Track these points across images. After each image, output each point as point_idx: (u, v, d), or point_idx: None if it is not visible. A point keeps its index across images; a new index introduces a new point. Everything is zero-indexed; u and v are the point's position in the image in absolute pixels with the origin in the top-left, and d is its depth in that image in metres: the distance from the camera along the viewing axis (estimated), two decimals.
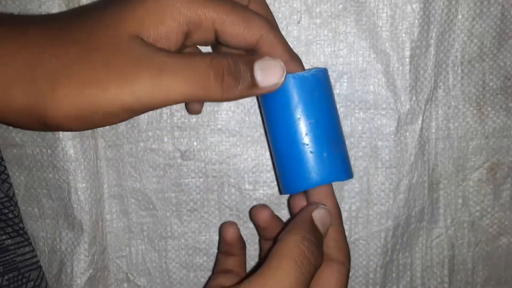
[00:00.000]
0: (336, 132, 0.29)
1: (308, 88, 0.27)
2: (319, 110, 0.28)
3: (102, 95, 0.22)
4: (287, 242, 0.25)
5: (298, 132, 0.28)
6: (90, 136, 0.33)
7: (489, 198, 0.36)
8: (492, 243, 0.36)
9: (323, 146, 0.28)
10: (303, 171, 0.28)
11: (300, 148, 0.28)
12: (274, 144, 0.29)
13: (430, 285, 0.37)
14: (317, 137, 0.27)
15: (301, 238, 0.25)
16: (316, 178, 0.28)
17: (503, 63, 0.34)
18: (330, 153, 0.28)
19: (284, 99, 0.27)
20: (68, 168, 0.33)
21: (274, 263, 0.24)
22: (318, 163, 0.28)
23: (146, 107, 0.23)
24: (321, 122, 0.28)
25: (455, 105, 0.34)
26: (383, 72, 0.33)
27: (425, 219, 0.36)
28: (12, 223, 0.33)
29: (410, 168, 0.35)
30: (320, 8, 0.33)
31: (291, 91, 0.27)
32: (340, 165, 0.28)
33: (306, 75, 0.27)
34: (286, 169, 0.29)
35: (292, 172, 0.28)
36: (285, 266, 0.24)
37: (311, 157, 0.28)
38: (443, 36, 0.33)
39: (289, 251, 0.25)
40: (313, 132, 0.27)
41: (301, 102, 0.27)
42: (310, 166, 0.28)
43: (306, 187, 0.28)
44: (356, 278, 0.36)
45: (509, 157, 0.35)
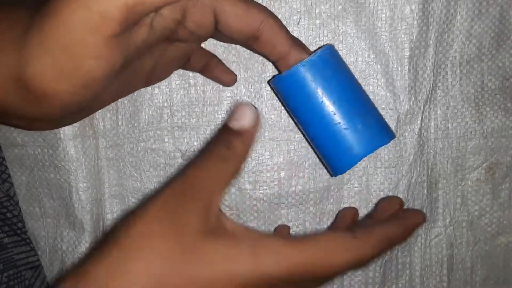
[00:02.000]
0: (361, 102, 0.29)
1: (318, 71, 0.27)
2: (337, 88, 0.28)
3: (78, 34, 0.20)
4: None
5: (326, 115, 0.28)
6: (91, 136, 0.34)
7: (488, 197, 0.36)
8: (491, 243, 0.37)
9: (353, 119, 0.28)
10: (345, 149, 0.28)
11: (334, 129, 0.28)
12: (310, 134, 0.30)
13: (429, 284, 0.37)
14: (345, 113, 0.28)
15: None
16: (359, 151, 0.28)
17: (501, 64, 0.34)
18: (364, 124, 0.28)
19: (301, 89, 0.28)
20: (69, 168, 0.33)
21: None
22: (356, 137, 0.28)
23: (127, 19, 0.21)
24: (344, 98, 0.28)
25: (454, 105, 0.35)
26: (382, 73, 0.34)
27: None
28: (10, 223, 0.33)
29: (409, 168, 0.35)
30: (320, 9, 0.33)
31: (305, 80, 0.27)
32: (377, 131, 0.29)
33: (313, 59, 0.27)
34: (329, 154, 0.29)
35: (336, 155, 0.29)
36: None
37: (348, 133, 0.28)
38: (442, 37, 0.33)
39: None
40: (340, 110, 0.28)
41: (318, 86, 0.27)
42: (350, 143, 0.28)
43: (353, 162, 0.29)
44: (356, 277, 0.36)
45: (507, 157, 0.35)
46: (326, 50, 0.28)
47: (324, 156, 0.30)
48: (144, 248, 0.21)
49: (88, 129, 0.33)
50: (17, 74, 0.21)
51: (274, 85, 0.30)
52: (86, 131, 0.33)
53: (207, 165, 0.24)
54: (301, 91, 0.28)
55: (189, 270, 0.21)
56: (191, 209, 0.22)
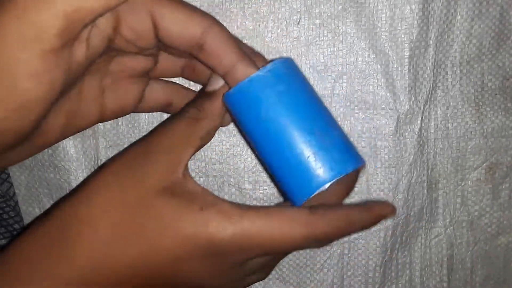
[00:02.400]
0: (320, 121, 0.25)
1: (268, 87, 0.24)
2: (291, 107, 0.24)
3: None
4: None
5: (278, 139, 0.24)
6: (91, 136, 0.34)
7: (488, 197, 0.36)
8: (491, 243, 0.37)
9: (310, 143, 0.24)
10: (298, 179, 0.24)
11: (287, 156, 0.24)
12: (262, 159, 0.26)
13: (429, 284, 0.37)
14: (300, 136, 0.24)
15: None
16: (317, 181, 0.24)
17: (501, 64, 0.34)
18: (321, 148, 0.24)
19: (248, 108, 0.24)
20: (69, 168, 0.33)
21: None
22: (310, 165, 0.24)
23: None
24: (299, 119, 0.24)
25: (454, 105, 0.35)
26: (383, 73, 0.34)
27: (424, 218, 0.36)
28: (6, 224, 0.33)
29: (409, 168, 0.35)
30: (320, 9, 0.33)
31: (252, 97, 0.24)
32: (338, 157, 0.24)
33: (261, 74, 0.24)
34: (283, 182, 0.25)
35: (288, 185, 0.25)
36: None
37: (302, 161, 0.24)
38: (442, 37, 0.33)
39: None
40: (293, 133, 0.24)
41: (268, 105, 0.24)
42: (306, 171, 0.24)
43: (310, 192, 0.24)
44: (356, 277, 0.36)
45: (507, 157, 0.35)
46: (279, 63, 0.25)
47: (280, 185, 0.26)
48: (98, 196, 0.23)
49: (88, 129, 0.33)
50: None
51: (225, 104, 0.26)
52: (86, 131, 0.33)
53: (176, 124, 0.24)
54: (249, 110, 0.24)
55: (139, 221, 0.23)
56: (152, 165, 0.23)
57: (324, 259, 0.36)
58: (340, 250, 0.36)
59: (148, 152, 0.24)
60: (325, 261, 0.36)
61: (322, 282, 0.36)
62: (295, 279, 0.36)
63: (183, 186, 0.23)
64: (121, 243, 0.23)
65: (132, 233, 0.23)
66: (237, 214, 0.22)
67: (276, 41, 0.33)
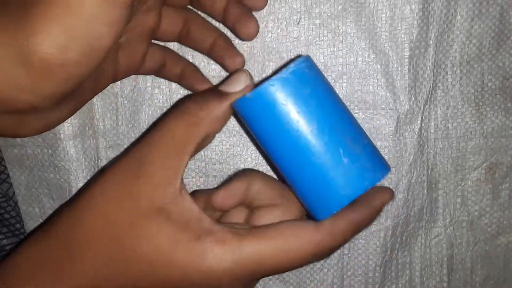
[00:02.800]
0: (348, 129, 0.23)
1: (293, 90, 0.22)
2: (317, 112, 0.22)
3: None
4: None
5: (303, 147, 0.22)
6: (91, 136, 0.34)
7: (488, 197, 0.36)
8: (491, 243, 0.37)
9: (338, 151, 0.22)
10: (328, 190, 0.22)
11: (314, 165, 0.22)
12: (284, 171, 0.24)
13: (429, 284, 0.37)
14: (328, 144, 0.22)
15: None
16: (346, 192, 0.22)
17: (501, 64, 0.34)
18: (352, 156, 0.22)
19: (270, 115, 0.22)
20: (69, 168, 0.33)
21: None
22: (342, 174, 0.22)
23: None
24: (326, 125, 0.22)
25: (454, 105, 0.35)
26: (383, 73, 0.34)
27: (424, 218, 0.36)
28: (8, 223, 0.33)
29: (409, 168, 0.35)
30: (320, 9, 0.33)
31: (275, 103, 0.22)
32: (369, 165, 0.23)
33: (285, 76, 0.22)
34: (309, 196, 0.23)
35: (317, 197, 0.23)
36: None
37: (331, 170, 0.22)
38: (442, 37, 0.33)
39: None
40: (321, 140, 0.22)
41: (292, 111, 0.22)
42: (334, 182, 0.22)
43: (338, 206, 0.23)
44: (356, 277, 0.36)
45: (507, 157, 0.35)
46: (302, 63, 0.23)
47: (303, 198, 0.24)
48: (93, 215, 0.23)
49: (88, 129, 0.33)
50: (18, 50, 0.20)
51: (237, 110, 0.24)
52: (86, 131, 0.33)
53: (173, 126, 0.23)
54: (271, 117, 0.22)
55: (132, 245, 0.22)
56: (146, 179, 0.22)
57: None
58: (340, 250, 0.36)
59: (143, 162, 0.23)
60: (325, 261, 0.36)
61: (322, 282, 0.36)
62: (295, 279, 0.36)
63: (179, 206, 0.22)
64: (115, 267, 0.22)
65: (126, 257, 0.22)
66: (235, 241, 0.22)
67: (276, 41, 0.33)
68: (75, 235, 0.23)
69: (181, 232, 0.22)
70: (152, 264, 0.22)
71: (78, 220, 0.23)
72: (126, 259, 0.22)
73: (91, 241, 0.23)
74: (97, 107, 0.34)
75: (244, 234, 0.22)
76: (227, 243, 0.21)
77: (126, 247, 0.22)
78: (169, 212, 0.22)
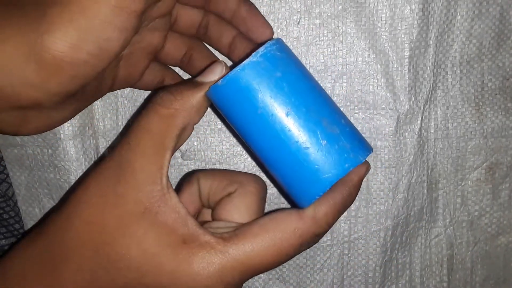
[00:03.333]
0: (324, 109, 0.23)
1: (264, 73, 0.21)
2: (290, 94, 0.22)
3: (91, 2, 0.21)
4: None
5: (279, 132, 0.22)
6: (91, 136, 0.34)
7: (488, 197, 0.36)
8: (491, 243, 0.37)
9: (316, 133, 0.22)
10: (309, 175, 0.22)
11: (291, 150, 0.22)
12: (262, 158, 0.23)
13: (429, 284, 0.37)
14: (304, 126, 0.22)
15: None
16: (327, 175, 0.21)
17: (501, 64, 0.34)
18: (330, 138, 0.22)
19: (243, 101, 0.22)
20: (69, 168, 0.33)
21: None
22: (321, 157, 0.21)
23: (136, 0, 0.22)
24: (301, 107, 0.22)
25: (454, 105, 0.35)
26: (383, 73, 0.34)
27: (424, 218, 0.36)
28: (6, 224, 0.33)
29: (409, 168, 0.35)
30: (320, 9, 0.33)
31: (247, 88, 0.22)
32: (349, 146, 0.22)
33: (255, 60, 0.22)
34: (290, 183, 0.23)
35: (298, 184, 0.22)
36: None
37: (310, 153, 0.21)
38: (442, 37, 0.33)
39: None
40: (297, 123, 0.21)
41: (265, 95, 0.21)
42: (314, 165, 0.21)
43: (320, 190, 0.22)
44: (356, 277, 0.36)
45: (507, 157, 0.35)
46: (272, 45, 0.22)
47: (284, 185, 0.24)
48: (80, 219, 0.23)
49: (88, 129, 0.33)
50: (31, 47, 0.21)
51: (211, 98, 0.23)
52: (86, 131, 0.33)
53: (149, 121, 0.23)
54: (243, 103, 0.22)
55: (119, 248, 0.22)
56: (131, 179, 0.22)
57: (324, 259, 0.36)
58: (340, 250, 0.36)
59: (123, 163, 0.23)
60: (325, 261, 0.36)
61: (322, 282, 0.36)
62: (295, 279, 0.36)
63: (167, 205, 0.22)
64: (101, 273, 0.22)
65: (113, 262, 0.22)
66: (221, 245, 0.22)
67: None
68: (62, 241, 0.23)
69: (167, 236, 0.22)
70: (140, 269, 0.22)
71: (65, 225, 0.23)
72: (113, 264, 0.22)
73: (77, 246, 0.23)
74: (97, 107, 0.34)
75: (228, 238, 0.22)
76: (213, 247, 0.21)
77: (113, 252, 0.22)
78: (156, 212, 0.22)
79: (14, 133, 0.25)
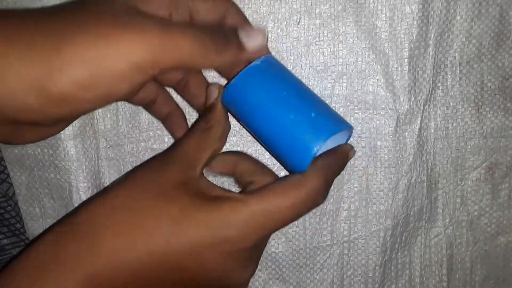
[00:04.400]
0: (312, 96, 0.28)
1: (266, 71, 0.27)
2: (285, 85, 0.27)
3: (111, 51, 0.22)
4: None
5: (278, 111, 0.26)
6: (92, 136, 0.34)
7: (488, 197, 0.36)
8: (491, 242, 0.37)
9: (307, 111, 0.26)
10: (302, 140, 0.26)
11: (287, 123, 0.26)
12: (264, 135, 0.28)
13: (429, 284, 0.37)
14: (298, 106, 0.27)
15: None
16: (318, 137, 0.26)
17: (501, 64, 0.34)
18: (318, 113, 0.27)
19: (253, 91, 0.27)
20: (70, 168, 0.33)
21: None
22: (312, 125, 0.26)
23: (155, 65, 0.23)
24: (295, 91, 0.27)
25: (453, 105, 0.35)
26: (382, 73, 0.34)
27: (423, 218, 0.36)
28: (8, 223, 0.33)
29: (409, 168, 0.35)
30: (320, 9, 0.33)
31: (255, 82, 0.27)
32: (334, 119, 0.27)
33: (258, 63, 0.27)
34: (287, 149, 0.27)
35: (293, 148, 0.27)
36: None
37: (303, 122, 0.26)
38: (442, 37, 0.33)
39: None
40: (291, 103, 0.27)
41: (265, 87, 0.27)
42: (306, 133, 0.26)
43: (312, 152, 0.26)
44: (355, 277, 0.36)
45: (507, 157, 0.35)
46: (266, 56, 0.28)
47: (282, 155, 0.28)
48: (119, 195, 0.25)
49: (89, 129, 0.33)
50: (41, 80, 0.21)
51: (224, 102, 0.28)
52: (86, 131, 0.33)
53: (190, 136, 0.27)
54: (248, 97, 0.27)
55: (159, 209, 0.25)
56: (170, 165, 0.26)
57: (324, 258, 0.36)
58: (339, 250, 0.36)
59: (167, 157, 0.27)
60: (324, 260, 0.36)
61: (322, 281, 0.36)
62: (295, 279, 0.36)
63: (199, 182, 0.26)
64: (144, 230, 0.24)
65: (154, 218, 0.24)
66: (246, 198, 0.25)
67: (276, 41, 0.33)
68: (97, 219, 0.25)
69: (200, 197, 0.25)
70: (179, 224, 0.24)
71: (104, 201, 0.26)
72: (153, 220, 0.24)
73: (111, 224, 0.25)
74: None
75: (250, 194, 0.25)
76: (239, 200, 0.25)
77: (154, 211, 0.25)
78: (190, 185, 0.25)
79: (7, 142, 0.27)
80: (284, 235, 0.36)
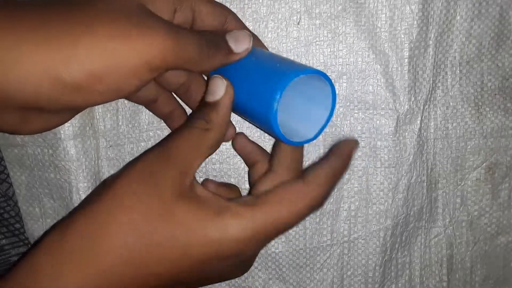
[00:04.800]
0: (281, 57, 0.29)
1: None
2: (257, 52, 0.28)
3: (127, 48, 0.23)
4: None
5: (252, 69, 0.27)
6: (92, 136, 0.34)
7: (487, 197, 0.36)
8: (491, 242, 0.37)
9: (276, 64, 0.27)
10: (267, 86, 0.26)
11: (259, 76, 0.27)
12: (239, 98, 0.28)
13: (429, 284, 0.37)
14: (264, 62, 0.27)
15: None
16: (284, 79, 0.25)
17: (501, 64, 0.34)
18: (286, 63, 0.27)
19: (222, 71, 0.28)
20: (70, 168, 0.33)
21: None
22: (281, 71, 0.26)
23: (163, 65, 0.24)
24: (264, 53, 0.28)
25: (453, 105, 0.35)
26: (382, 73, 0.34)
27: (423, 218, 0.36)
28: (7, 223, 0.33)
29: (409, 168, 0.35)
30: (320, 9, 0.33)
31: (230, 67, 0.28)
32: (302, 66, 0.27)
33: None
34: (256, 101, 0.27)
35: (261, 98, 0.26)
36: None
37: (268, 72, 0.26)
38: (442, 37, 0.33)
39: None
40: (261, 61, 0.28)
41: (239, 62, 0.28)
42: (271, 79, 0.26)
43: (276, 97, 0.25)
44: (355, 277, 0.36)
45: (507, 157, 0.35)
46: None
47: (255, 112, 0.28)
48: (125, 206, 0.24)
49: (89, 129, 0.33)
50: (57, 68, 0.22)
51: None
52: (86, 131, 0.33)
53: (187, 135, 0.26)
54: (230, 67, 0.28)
55: (166, 230, 0.24)
56: (169, 173, 0.25)
57: (324, 258, 0.36)
58: (340, 250, 0.36)
59: (164, 159, 0.26)
60: (324, 260, 0.36)
61: (322, 281, 0.36)
62: (295, 279, 0.36)
63: (193, 191, 0.25)
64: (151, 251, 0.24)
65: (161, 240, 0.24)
66: (249, 211, 0.25)
67: (276, 41, 0.33)
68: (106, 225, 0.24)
69: (205, 210, 0.25)
70: (188, 244, 0.24)
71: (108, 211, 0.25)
72: (161, 242, 0.24)
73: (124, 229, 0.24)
74: (97, 107, 0.34)
75: (252, 205, 0.25)
76: (243, 215, 0.25)
77: (160, 232, 0.24)
78: (189, 196, 0.25)
79: (13, 132, 0.27)
80: (284, 235, 0.36)
